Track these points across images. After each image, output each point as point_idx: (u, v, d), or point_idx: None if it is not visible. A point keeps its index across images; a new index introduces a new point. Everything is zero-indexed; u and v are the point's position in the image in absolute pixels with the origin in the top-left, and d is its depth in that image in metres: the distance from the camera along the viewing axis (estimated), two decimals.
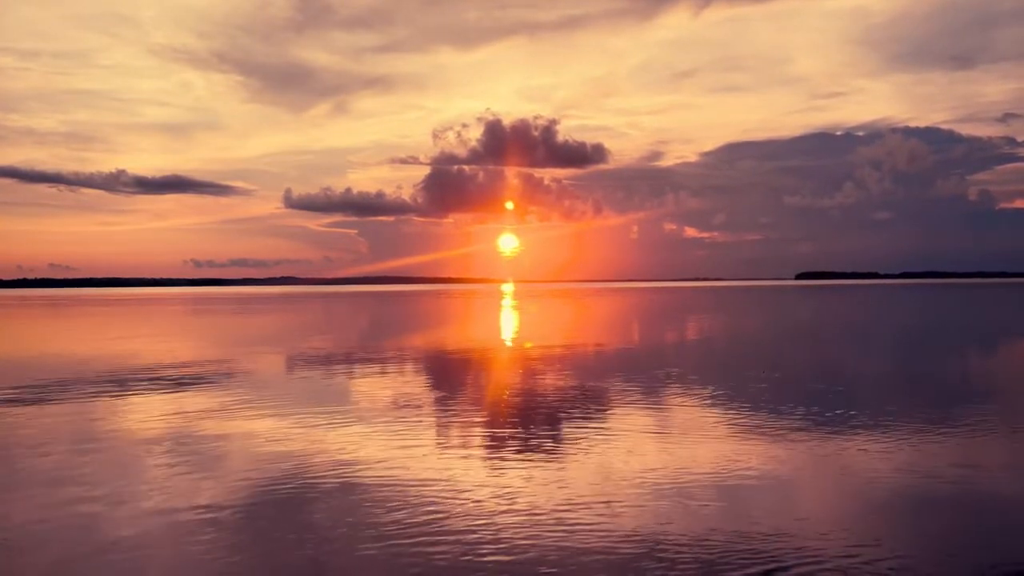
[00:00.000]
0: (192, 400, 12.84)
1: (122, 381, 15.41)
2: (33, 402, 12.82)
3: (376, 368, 17.48)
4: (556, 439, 9.39)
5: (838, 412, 10.94)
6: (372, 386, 14.49)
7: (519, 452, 8.66)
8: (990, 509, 6.50)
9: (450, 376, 16.37)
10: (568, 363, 18.17)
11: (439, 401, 12.63)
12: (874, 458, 8.22)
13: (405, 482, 7.44)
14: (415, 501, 6.80)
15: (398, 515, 6.40)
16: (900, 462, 8.03)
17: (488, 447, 8.98)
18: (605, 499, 6.80)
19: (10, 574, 5.24)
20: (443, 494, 7.01)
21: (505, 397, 12.95)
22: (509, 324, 36.94)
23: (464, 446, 9.06)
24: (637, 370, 16.69)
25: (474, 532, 5.97)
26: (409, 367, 17.94)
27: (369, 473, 7.80)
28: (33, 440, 9.68)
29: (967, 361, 19.13)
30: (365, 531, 6.03)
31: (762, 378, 14.97)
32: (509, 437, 9.51)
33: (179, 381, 15.36)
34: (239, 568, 5.31)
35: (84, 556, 5.55)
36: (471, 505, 6.67)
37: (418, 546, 5.67)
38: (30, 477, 7.83)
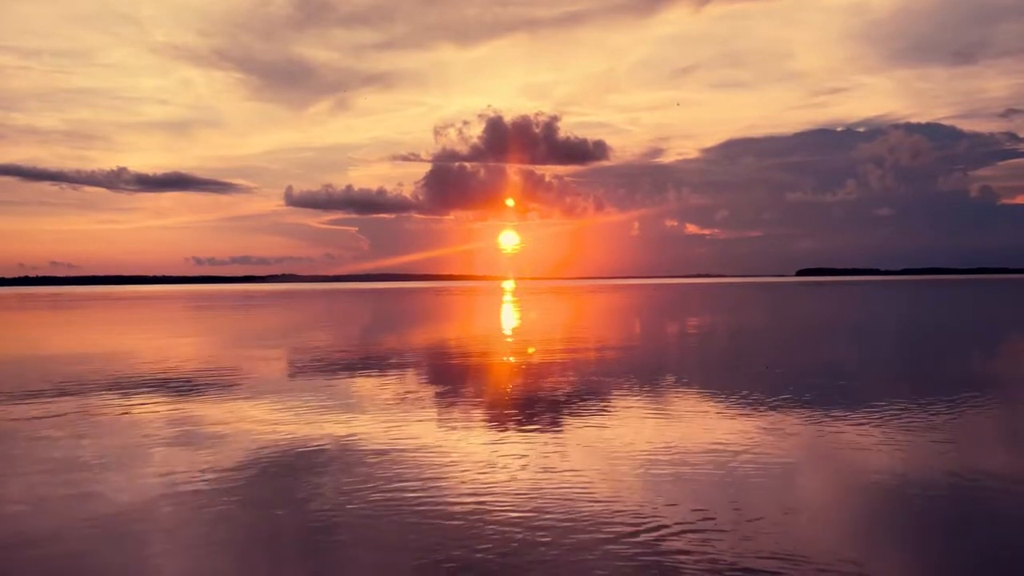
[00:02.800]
0: (194, 394, 12.94)
1: (123, 377, 15.51)
2: (34, 399, 12.92)
3: (378, 362, 17.57)
4: (558, 427, 9.49)
5: (838, 406, 11.04)
6: (375, 378, 14.58)
7: (521, 439, 8.77)
8: (989, 501, 6.60)
9: (452, 369, 16.45)
10: (569, 357, 18.25)
11: (441, 393, 12.72)
12: (874, 451, 8.32)
13: (409, 468, 7.55)
14: (419, 485, 6.90)
15: (402, 498, 6.51)
16: (899, 454, 8.14)
17: (489, 433, 9.08)
18: (605, 485, 6.91)
19: (17, 566, 5.34)
20: (446, 477, 7.13)
21: (507, 389, 13.04)
22: (510, 320, 37.00)
23: (466, 433, 9.15)
24: (638, 364, 16.78)
25: (475, 512, 6.08)
26: (411, 361, 18.04)
27: (374, 460, 7.90)
28: (35, 436, 9.79)
29: (967, 356, 19.20)
30: (370, 514, 6.14)
31: (763, 372, 15.06)
32: (511, 425, 9.61)
33: (181, 376, 15.47)
34: (242, 557, 5.43)
35: (91, 544, 5.67)
36: (472, 485, 6.77)
37: (422, 526, 5.79)
38: (33, 472, 7.94)
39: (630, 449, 8.33)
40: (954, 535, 5.60)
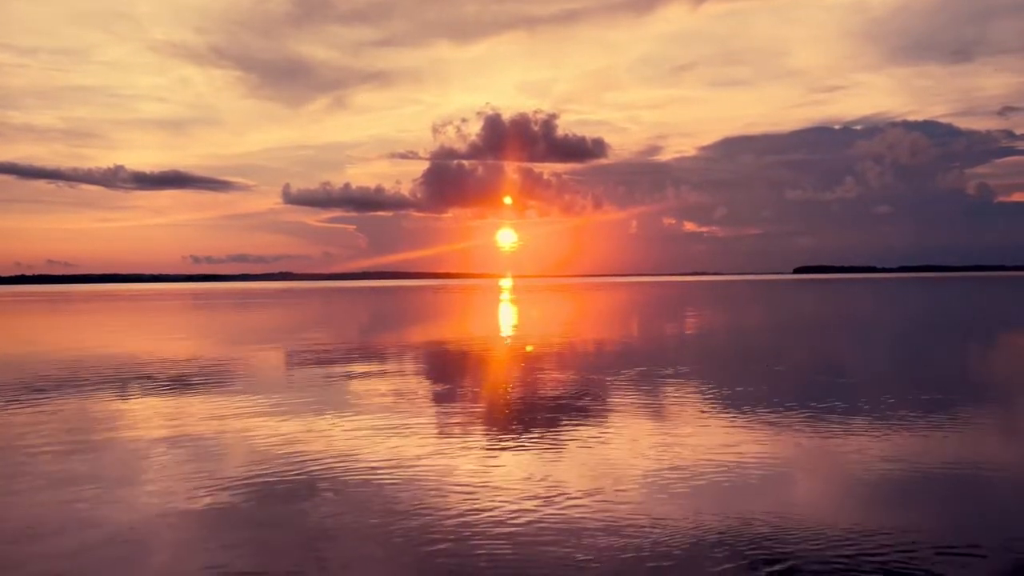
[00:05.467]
0: (193, 395, 12.89)
1: (122, 377, 15.46)
2: (33, 399, 12.87)
3: (376, 363, 17.54)
4: (558, 429, 9.44)
5: (839, 403, 11.01)
6: (373, 380, 14.54)
7: (520, 442, 8.72)
8: (989, 497, 6.57)
9: (450, 370, 16.42)
10: (568, 357, 18.23)
11: (439, 395, 12.69)
12: (875, 448, 8.28)
13: (406, 472, 7.49)
14: (416, 490, 6.85)
15: (399, 505, 6.46)
16: (901, 451, 8.10)
17: (488, 438, 9.02)
18: (606, 486, 6.85)
19: (16, 566, 5.30)
20: (443, 483, 7.07)
21: (505, 390, 13.00)
22: (508, 319, 36.99)
23: (465, 437, 9.11)
24: (638, 363, 16.75)
25: (475, 521, 6.02)
26: (409, 362, 18.00)
27: (371, 466, 7.85)
28: (33, 436, 9.74)
29: (965, 353, 19.21)
30: (366, 522, 6.08)
31: (764, 370, 15.04)
32: (510, 428, 9.56)
33: (179, 377, 15.42)
34: (241, 560, 5.39)
35: (86, 549, 5.61)
36: (471, 494, 6.71)
37: (420, 533, 5.74)
38: (31, 473, 7.88)
39: (632, 448, 8.28)
40: (955, 532, 5.57)
